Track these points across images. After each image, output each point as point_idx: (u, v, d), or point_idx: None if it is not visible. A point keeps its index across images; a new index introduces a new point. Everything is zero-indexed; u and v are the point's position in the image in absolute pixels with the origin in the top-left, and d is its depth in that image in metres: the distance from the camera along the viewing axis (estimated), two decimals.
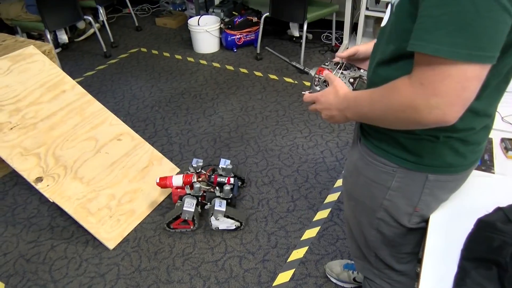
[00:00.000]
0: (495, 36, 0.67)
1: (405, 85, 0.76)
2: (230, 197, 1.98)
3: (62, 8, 3.60)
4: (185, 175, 2.00)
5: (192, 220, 1.92)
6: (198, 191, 1.97)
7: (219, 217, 1.88)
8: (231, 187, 2.00)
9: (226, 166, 2.11)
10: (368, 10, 3.48)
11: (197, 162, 2.14)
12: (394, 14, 0.84)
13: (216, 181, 2.01)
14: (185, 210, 1.87)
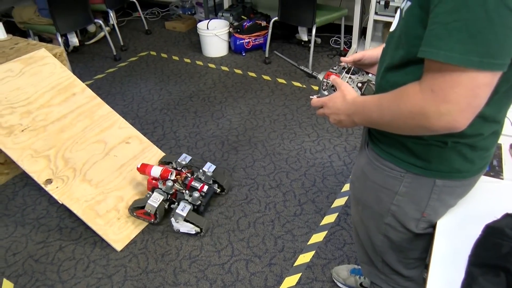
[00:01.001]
0: (506, 44, 0.67)
1: (415, 92, 0.76)
2: (197, 203, 1.98)
3: (74, 12, 3.65)
4: (164, 169, 2.00)
5: (154, 214, 1.93)
6: (170, 189, 1.97)
7: (179, 220, 1.89)
8: (202, 194, 2.00)
9: (208, 171, 2.11)
10: (377, 14, 3.48)
11: (185, 159, 2.14)
12: (404, 19, 0.84)
13: (189, 185, 2.01)
14: (149, 203, 1.89)
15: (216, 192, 2.18)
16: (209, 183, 2.09)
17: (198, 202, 1.98)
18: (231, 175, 2.39)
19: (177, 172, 2.05)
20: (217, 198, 2.23)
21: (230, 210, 2.16)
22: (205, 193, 2.01)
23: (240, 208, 2.17)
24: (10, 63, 2.26)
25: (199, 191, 1.99)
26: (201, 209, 2.03)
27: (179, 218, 1.89)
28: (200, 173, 2.11)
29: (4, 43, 2.81)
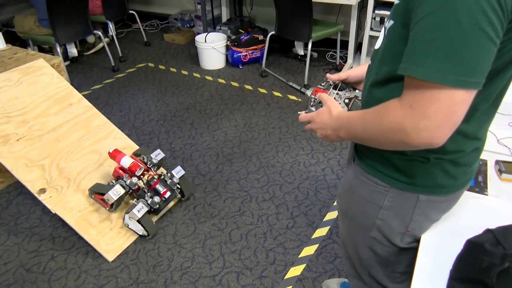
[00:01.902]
0: (481, 63, 0.69)
1: (395, 108, 0.78)
2: (155, 207, 2.00)
3: (73, 23, 3.69)
4: (134, 164, 2.00)
5: (111, 204, 1.94)
6: (133, 186, 1.98)
7: (132, 218, 1.90)
8: (163, 200, 2.01)
9: (175, 175, 2.12)
10: (373, 30, 3.53)
11: (156, 156, 2.14)
12: (387, 37, 0.87)
13: (153, 187, 2.02)
14: (109, 194, 1.90)
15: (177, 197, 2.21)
16: (173, 188, 2.10)
17: (157, 206, 1.99)
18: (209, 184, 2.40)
19: (146, 168, 2.05)
20: (209, 209, 2.25)
21: (223, 222, 2.17)
22: (165, 199, 2.03)
23: (232, 220, 2.18)
24: (8, 72, 2.29)
25: (160, 196, 2.00)
26: (157, 212, 2.05)
27: (133, 217, 1.91)
28: (168, 176, 2.12)
29: (3, 52, 2.84)
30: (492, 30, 0.67)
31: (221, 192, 2.38)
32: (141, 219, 1.89)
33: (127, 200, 2.05)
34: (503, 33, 0.69)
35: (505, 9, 0.66)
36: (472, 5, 0.65)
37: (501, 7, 0.65)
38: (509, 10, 0.67)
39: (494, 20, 0.66)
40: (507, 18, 0.68)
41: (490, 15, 0.65)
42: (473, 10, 0.65)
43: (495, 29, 0.67)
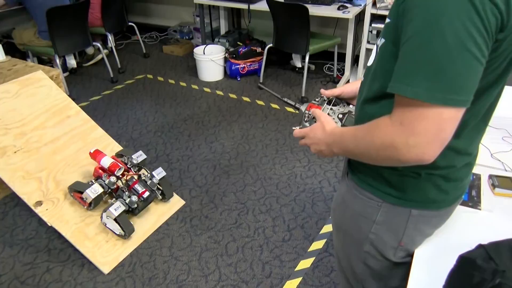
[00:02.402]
0: (468, 82, 0.71)
1: (386, 124, 0.80)
2: (133, 207, 2.00)
3: (73, 35, 3.73)
4: (113, 164, 2.00)
5: (90, 203, 1.95)
6: (112, 185, 1.99)
7: (109, 217, 1.91)
8: (141, 199, 2.02)
9: (156, 177, 2.12)
10: (369, 43, 3.57)
11: (137, 158, 2.15)
12: (379, 55, 0.88)
13: (131, 186, 2.03)
14: (87, 192, 1.91)
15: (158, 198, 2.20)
16: (152, 189, 2.10)
17: (135, 205, 1.99)
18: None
19: (126, 168, 2.06)
20: (206, 221, 2.25)
21: (219, 235, 2.17)
22: (144, 199, 2.03)
23: (229, 233, 2.18)
24: (7, 84, 2.31)
25: (138, 196, 2.01)
26: (135, 212, 2.04)
27: (110, 216, 1.91)
28: (147, 176, 2.13)
29: (3, 64, 2.86)
30: (478, 50, 0.68)
31: (217, 204, 2.39)
32: (118, 217, 1.90)
33: (106, 199, 2.05)
34: (488, 52, 0.71)
35: (490, 31, 0.68)
36: (458, 26, 0.67)
37: (486, 28, 0.67)
38: (493, 32, 0.68)
39: (479, 41, 0.68)
40: (491, 39, 0.69)
41: (476, 36, 0.67)
42: (459, 31, 0.67)
43: (481, 49, 0.69)
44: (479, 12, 0.66)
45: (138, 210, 2.03)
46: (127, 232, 1.96)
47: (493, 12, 0.67)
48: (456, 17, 0.67)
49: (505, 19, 0.68)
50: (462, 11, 0.66)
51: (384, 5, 3.34)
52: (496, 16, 0.68)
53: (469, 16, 0.66)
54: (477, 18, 0.66)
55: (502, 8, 0.67)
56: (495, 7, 0.67)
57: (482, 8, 0.66)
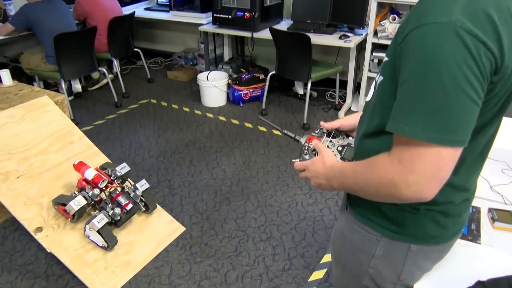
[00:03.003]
0: (465, 123, 0.72)
1: (385, 162, 0.81)
2: (116, 218, 1.99)
3: (79, 60, 3.80)
4: (97, 176, 2.00)
5: (73, 215, 1.94)
6: (95, 197, 1.98)
7: (92, 229, 1.90)
8: (124, 212, 2.01)
9: (139, 189, 2.12)
10: (371, 71, 3.62)
11: (121, 170, 2.15)
12: (377, 91, 0.90)
13: (115, 198, 2.03)
14: (70, 205, 1.90)
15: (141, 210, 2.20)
16: (135, 201, 2.09)
17: (118, 217, 1.99)
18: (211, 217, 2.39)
19: (109, 180, 2.06)
20: (205, 249, 2.23)
21: (219, 263, 2.15)
22: (127, 211, 2.02)
23: (229, 261, 2.16)
24: (13, 109, 2.34)
25: (122, 208, 2.00)
26: (118, 224, 2.04)
27: (93, 228, 1.90)
28: (131, 188, 2.12)
29: (9, 89, 2.92)
30: (474, 92, 0.70)
31: (218, 231, 2.38)
32: (101, 229, 1.90)
33: (89, 211, 2.05)
34: (484, 94, 0.73)
35: (484, 74, 0.70)
36: (454, 69, 0.69)
37: (481, 71, 0.69)
38: (488, 74, 0.70)
39: (475, 83, 0.70)
40: (486, 81, 0.71)
41: (471, 78, 0.69)
42: (455, 73, 0.69)
43: (476, 91, 0.70)
44: (474, 55, 0.68)
45: (121, 222, 2.04)
46: (110, 244, 1.96)
47: (487, 56, 0.69)
48: (452, 60, 0.69)
49: (499, 62, 0.71)
50: (457, 54, 0.68)
51: (385, 34, 3.41)
52: (490, 60, 0.70)
53: (464, 59, 0.68)
54: (472, 61, 0.69)
55: (495, 52, 0.69)
56: (489, 51, 0.69)
57: (476, 52, 0.68)
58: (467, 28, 0.68)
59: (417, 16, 0.74)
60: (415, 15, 0.75)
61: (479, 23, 0.68)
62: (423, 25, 0.71)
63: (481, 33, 0.68)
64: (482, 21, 0.68)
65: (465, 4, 0.69)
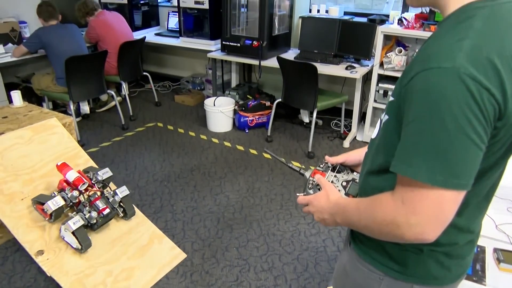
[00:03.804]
0: (468, 166, 0.73)
1: (388, 201, 0.81)
2: (92, 222, 1.97)
3: (89, 82, 3.86)
4: (78, 178, 1.99)
5: (50, 215, 1.92)
6: (74, 199, 1.97)
7: (67, 230, 1.88)
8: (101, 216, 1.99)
9: (118, 195, 2.10)
10: (376, 102, 3.64)
11: (103, 174, 2.14)
12: (382, 130, 0.91)
13: (93, 202, 2.01)
14: (48, 204, 1.88)
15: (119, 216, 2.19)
16: (114, 206, 2.08)
17: (94, 221, 1.97)
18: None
19: (90, 184, 2.06)
20: (206, 277, 2.21)
21: None
22: (104, 215, 2.01)
23: None
24: (21, 130, 2.37)
25: (99, 212, 1.99)
26: (94, 227, 2.02)
27: (68, 229, 1.88)
28: (110, 194, 2.12)
29: (19, 109, 2.96)
30: (477, 137, 0.71)
31: (219, 259, 2.35)
32: (76, 231, 1.88)
33: (68, 213, 2.04)
34: (487, 138, 0.73)
35: (488, 119, 0.71)
36: (458, 113, 0.69)
37: (484, 116, 0.70)
38: (491, 119, 0.71)
39: (478, 128, 0.70)
40: (490, 126, 0.72)
41: (474, 123, 0.70)
42: (458, 117, 0.70)
43: (480, 135, 0.71)
44: (477, 101, 0.69)
45: (97, 226, 2.04)
46: (83, 246, 1.95)
47: (490, 102, 0.70)
48: (455, 104, 0.70)
49: (502, 108, 0.71)
50: (461, 99, 0.69)
51: (391, 66, 3.44)
52: (493, 106, 0.70)
53: (468, 104, 0.69)
54: (475, 106, 0.69)
55: (499, 99, 0.70)
56: (492, 97, 0.70)
57: (480, 97, 0.69)
58: (471, 74, 0.69)
59: (423, 59, 0.76)
60: (421, 58, 0.77)
61: (482, 70, 0.69)
62: (428, 69, 0.73)
63: (485, 79, 0.69)
64: (485, 68, 0.70)
65: (469, 51, 0.71)
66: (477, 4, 0.76)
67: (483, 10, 0.75)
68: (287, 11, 4.04)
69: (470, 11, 0.76)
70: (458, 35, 0.73)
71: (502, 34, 0.73)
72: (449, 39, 0.74)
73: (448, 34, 0.75)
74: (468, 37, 0.72)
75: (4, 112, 2.91)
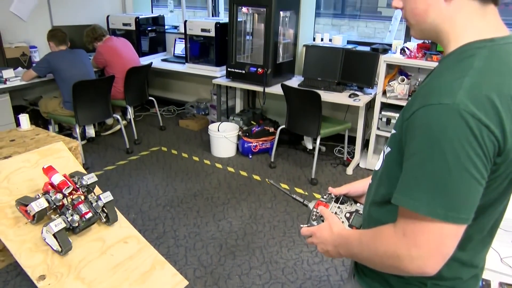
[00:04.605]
0: (468, 201, 0.74)
1: (390, 234, 0.82)
2: (74, 225, 1.96)
3: (95, 107, 3.92)
4: (62, 182, 1.98)
5: (33, 216, 1.91)
6: (58, 201, 1.96)
7: (49, 232, 1.86)
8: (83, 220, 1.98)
9: (102, 200, 2.10)
10: (379, 130, 3.67)
11: (89, 178, 2.13)
12: (385, 162, 0.93)
13: (76, 206, 2.00)
14: (31, 205, 1.87)
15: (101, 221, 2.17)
16: (97, 211, 2.07)
17: (76, 224, 1.97)
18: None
19: (74, 187, 2.05)
20: None
21: None
22: (86, 219, 2.00)
23: None
24: (28, 153, 2.39)
25: (81, 216, 1.98)
26: (76, 231, 2.01)
27: (49, 231, 1.87)
28: (94, 198, 2.11)
29: (27, 133, 3.00)
30: (477, 172, 0.72)
31: (221, 287, 2.33)
32: (57, 233, 1.87)
33: (51, 215, 2.03)
34: (487, 173, 0.75)
35: (488, 155, 0.72)
36: (458, 148, 0.71)
37: (484, 152, 0.72)
38: (491, 156, 0.73)
39: (478, 163, 0.72)
40: (490, 162, 0.74)
41: (474, 158, 0.72)
42: (459, 153, 0.71)
43: (480, 171, 0.73)
44: (477, 137, 0.71)
45: (79, 229, 2.03)
46: (64, 249, 1.94)
47: (490, 139, 0.72)
48: (455, 140, 0.72)
49: (502, 145, 0.73)
50: (461, 135, 0.71)
51: (394, 95, 3.48)
52: (493, 142, 0.72)
53: (467, 139, 0.71)
54: (475, 142, 0.71)
55: (498, 136, 0.72)
56: (492, 134, 0.72)
57: (479, 133, 0.71)
58: (471, 111, 0.71)
59: (424, 95, 0.78)
60: (422, 94, 0.79)
61: (482, 107, 0.72)
62: (429, 105, 0.75)
63: (484, 116, 0.71)
64: (485, 105, 0.72)
65: (469, 89, 0.73)
66: (477, 44, 0.79)
67: (482, 50, 0.77)
68: (292, 40, 4.13)
69: (470, 51, 0.79)
70: (459, 73, 0.76)
71: (500, 74, 0.76)
72: (449, 76, 0.77)
73: (448, 72, 0.78)
74: (468, 75, 0.74)
75: (11, 135, 2.95)
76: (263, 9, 3.73)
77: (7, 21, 4.18)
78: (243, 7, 3.89)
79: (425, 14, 0.83)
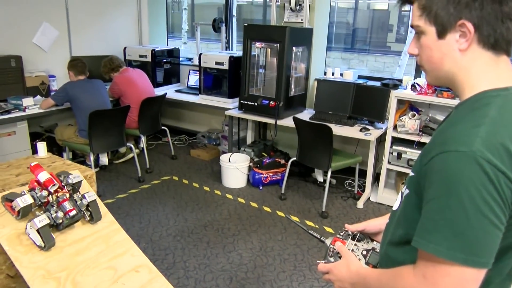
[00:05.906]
0: (487, 245, 0.76)
1: (409, 275, 0.83)
2: (58, 222, 1.95)
3: (109, 135, 3.99)
4: (48, 179, 1.98)
5: (18, 211, 1.90)
6: (43, 198, 1.95)
7: (33, 228, 1.84)
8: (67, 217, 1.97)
9: (87, 198, 2.09)
10: (390, 164, 3.67)
11: (75, 177, 2.13)
12: (403, 203, 0.95)
13: (60, 203, 1.99)
14: (16, 201, 1.87)
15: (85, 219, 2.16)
16: (81, 209, 2.06)
17: (60, 221, 1.96)
18: None
19: (60, 185, 2.05)
20: None
21: None
22: (70, 217, 1.99)
23: None
24: None
25: (65, 213, 1.98)
26: (59, 228, 1.99)
27: (33, 226, 1.86)
28: (79, 197, 2.11)
29: (43, 160, 3.05)
30: (495, 217, 0.74)
31: None
32: (40, 229, 1.87)
33: (36, 211, 2.03)
34: (506, 219, 0.76)
35: (506, 200, 0.74)
36: (475, 194, 0.74)
37: (502, 198, 0.74)
38: (509, 201, 0.75)
39: (496, 209, 0.74)
40: (508, 208, 0.76)
41: (492, 204, 0.74)
42: (476, 199, 0.74)
43: (498, 216, 0.74)
44: (494, 183, 0.73)
45: (63, 226, 2.03)
46: (47, 245, 1.93)
47: (507, 185, 0.74)
48: (472, 186, 0.74)
49: None
50: (478, 181, 0.74)
51: (405, 129, 3.51)
52: (510, 188, 0.74)
53: (484, 185, 0.74)
54: (492, 188, 0.74)
55: None
56: (509, 180, 0.74)
57: (496, 180, 0.73)
58: (487, 158, 0.74)
59: (442, 142, 0.81)
60: (439, 141, 0.82)
61: (498, 155, 0.74)
62: (446, 152, 0.78)
63: (501, 163, 0.74)
64: (500, 153, 0.75)
65: (485, 137, 0.76)
66: (491, 93, 0.83)
67: (497, 99, 0.81)
68: (303, 74, 4.22)
69: (485, 99, 0.82)
70: (475, 121, 0.79)
71: None
72: (466, 124, 0.80)
73: (464, 120, 0.82)
74: (484, 124, 0.78)
75: (28, 163, 3.00)
76: (276, 44, 3.84)
77: (29, 52, 4.34)
78: (257, 42, 4.00)
79: (440, 62, 0.87)
